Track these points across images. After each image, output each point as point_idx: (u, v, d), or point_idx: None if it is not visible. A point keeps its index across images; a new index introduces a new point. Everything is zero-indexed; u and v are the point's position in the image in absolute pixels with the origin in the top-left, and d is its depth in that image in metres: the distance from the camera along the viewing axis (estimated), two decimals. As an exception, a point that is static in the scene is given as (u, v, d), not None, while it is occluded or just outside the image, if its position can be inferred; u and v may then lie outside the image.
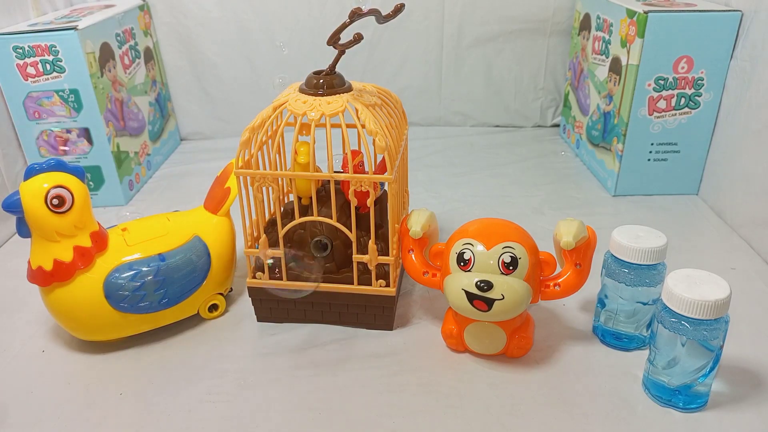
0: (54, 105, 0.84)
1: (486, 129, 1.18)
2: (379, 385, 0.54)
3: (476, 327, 0.55)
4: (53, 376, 0.57)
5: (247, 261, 0.60)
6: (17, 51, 0.80)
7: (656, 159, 0.87)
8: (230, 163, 0.63)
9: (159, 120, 1.08)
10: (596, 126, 0.95)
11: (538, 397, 0.52)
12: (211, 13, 1.08)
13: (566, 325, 0.62)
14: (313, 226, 0.59)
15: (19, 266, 0.59)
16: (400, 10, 0.54)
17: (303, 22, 1.09)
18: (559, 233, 0.53)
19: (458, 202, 0.89)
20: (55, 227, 0.53)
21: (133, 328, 0.59)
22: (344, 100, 0.55)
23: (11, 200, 0.52)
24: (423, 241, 0.58)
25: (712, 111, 0.83)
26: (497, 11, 1.09)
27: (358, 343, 0.60)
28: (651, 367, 0.51)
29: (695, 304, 0.45)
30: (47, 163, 0.53)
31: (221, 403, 0.53)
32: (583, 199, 0.89)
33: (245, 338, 0.61)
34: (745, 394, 0.52)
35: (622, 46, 0.84)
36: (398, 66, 1.14)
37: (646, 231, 0.54)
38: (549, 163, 1.03)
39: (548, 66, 1.13)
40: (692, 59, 0.80)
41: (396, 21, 0.56)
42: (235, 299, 0.67)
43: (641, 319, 0.56)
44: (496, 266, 0.51)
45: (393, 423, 0.50)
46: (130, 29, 0.98)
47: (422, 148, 1.09)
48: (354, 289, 0.59)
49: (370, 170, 0.54)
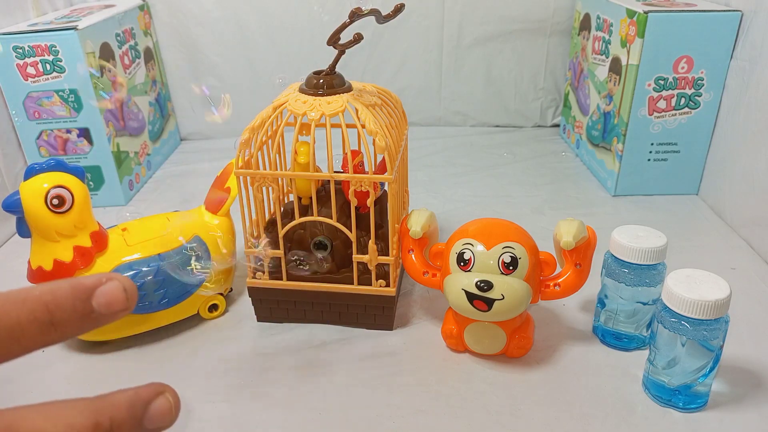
0: (54, 105, 0.84)
1: (486, 129, 1.18)
2: (379, 385, 0.54)
3: (476, 327, 0.55)
4: (53, 376, 0.57)
5: (247, 261, 0.60)
6: (17, 51, 0.80)
7: (656, 159, 0.87)
8: (230, 163, 0.63)
9: (159, 120, 1.08)
10: (596, 126, 0.95)
11: (538, 397, 0.52)
12: (211, 13, 1.08)
13: (566, 325, 0.62)
14: (313, 226, 0.59)
15: (19, 266, 0.59)
16: (400, 10, 0.54)
17: (303, 22, 1.09)
18: (559, 233, 0.53)
19: (458, 202, 0.89)
20: (55, 227, 0.53)
21: (133, 328, 0.59)
22: (344, 100, 0.55)
23: (11, 200, 0.52)
24: (423, 241, 0.58)
25: (712, 111, 0.83)
26: (497, 11, 1.09)
27: (358, 343, 0.60)
28: (651, 367, 0.51)
29: (695, 304, 0.45)
30: (47, 163, 0.53)
31: (221, 403, 0.53)
32: (583, 199, 0.89)
33: (245, 338, 0.61)
34: (745, 394, 0.52)
35: (622, 46, 0.84)
36: (398, 66, 1.14)
37: (646, 231, 0.54)
38: (549, 163, 1.03)
39: (548, 66, 1.13)
40: (692, 59, 0.80)
41: (396, 21, 0.56)
42: (235, 299, 0.67)
43: (641, 319, 0.56)
44: (496, 266, 0.51)
45: (393, 423, 0.50)
46: (130, 29, 0.98)
47: (422, 148, 1.09)
48: (354, 289, 0.59)
49: (370, 170, 0.54)
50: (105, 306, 0.20)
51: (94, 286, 0.20)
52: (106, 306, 0.20)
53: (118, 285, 0.20)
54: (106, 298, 0.20)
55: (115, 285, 0.20)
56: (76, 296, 0.19)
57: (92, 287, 0.20)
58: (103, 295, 0.20)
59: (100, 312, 0.20)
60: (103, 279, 0.20)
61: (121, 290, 0.20)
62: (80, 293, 0.19)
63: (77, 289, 0.19)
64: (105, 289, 0.20)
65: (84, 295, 0.20)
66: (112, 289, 0.20)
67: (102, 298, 0.20)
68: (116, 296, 0.20)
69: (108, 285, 0.20)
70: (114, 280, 0.20)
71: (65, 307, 0.19)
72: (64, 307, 0.19)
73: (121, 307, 0.20)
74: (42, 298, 0.19)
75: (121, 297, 0.20)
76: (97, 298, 0.20)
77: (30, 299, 0.19)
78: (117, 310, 0.20)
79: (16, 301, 0.19)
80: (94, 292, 0.20)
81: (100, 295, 0.20)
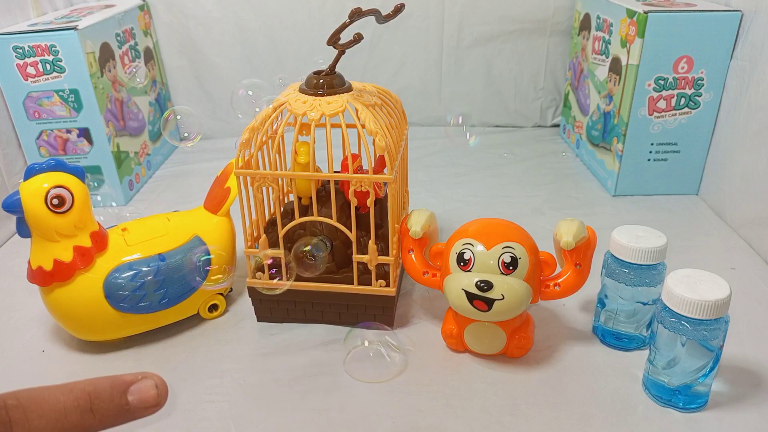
0: (54, 105, 0.84)
1: (486, 129, 1.18)
2: (379, 385, 0.54)
3: (476, 327, 0.55)
4: (53, 376, 0.57)
5: (247, 261, 0.60)
6: (17, 51, 0.80)
7: (656, 159, 0.87)
8: (230, 163, 0.63)
9: (159, 120, 1.08)
10: (596, 126, 0.95)
11: (538, 397, 0.52)
12: (211, 13, 1.08)
13: (566, 325, 0.62)
14: (313, 226, 0.59)
15: (19, 266, 0.59)
16: (400, 10, 0.54)
17: (303, 22, 1.09)
18: (559, 233, 0.53)
19: (458, 202, 0.89)
20: (55, 227, 0.53)
21: (133, 328, 0.59)
22: (344, 100, 0.55)
23: (11, 200, 0.52)
24: (423, 241, 0.58)
25: (712, 111, 0.83)
26: (497, 11, 1.09)
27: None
28: (651, 367, 0.51)
29: (695, 304, 0.45)
30: (47, 163, 0.53)
31: (221, 403, 0.53)
32: (583, 199, 0.89)
33: (245, 338, 0.61)
34: (745, 394, 0.52)
35: (622, 46, 0.84)
36: (398, 66, 1.14)
37: (646, 231, 0.54)
38: (549, 163, 1.03)
39: (548, 66, 1.13)
40: (692, 59, 0.80)
41: (396, 21, 0.56)
42: (235, 299, 0.67)
43: (641, 319, 0.56)
44: (496, 266, 0.51)
45: (393, 423, 0.50)
46: (130, 29, 0.98)
47: (422, 148, 1.08)
48: (354, 289, 0.59)
49: (370, 170, 0.54)
50: (138, 401, 0.23)
51: (130, 381, 0.23)
52: (140, 401, 0.23)
53: (151, 383, 0.23)
54: (140, 395, 0.23)
55: (148, 383, 0.23)
56: (114, 389, 0.23)
57: (129, 383, 0.23)
58: (138, 391, 0.23)
59: (133, 405, 0.23)
60: (139, 376, 0.23)
61: (152, 387, 0.23)
62: (118, 386, 0.23)
63: (115, 382, 0.23)
64: (139, 386, 0.23)
65: (120, 388, 0.23)
66: (146, 386, 0.23)
67: (136, 394, 0.23)
68: (148, 393, 0.23)
69: (142, 382, 0.23)
70: (148, 379, 0.23)
71: (104, 398, 0.22)
72: (103, 397, 0.22)
73: (152, 403, 0.23)
74: (85, 389, 0.22)
75: (152, 394, 0.23)
76: (132, 393, 0.23)
77: (76, 389, 0.22)
78: (149, 406, 0.23)
79: (65, 390, 0.22)
80: (130, 387, 0.23)
81: (135, 391, 0.23)
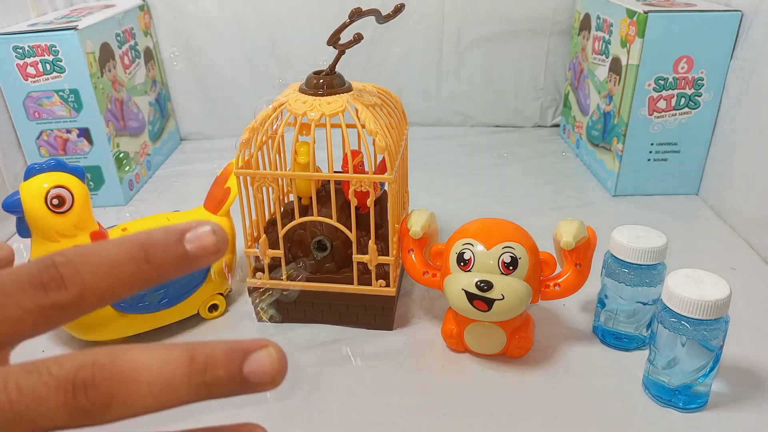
0: (54, 105, 0.84)
1: (486, 129, 1.18)
2: (379, 385, 0.54)
3: (476, 327, 0.55)
4: (53, 376, 0.57)
5: (247, 261, 0.60)
6: (17, 51, 0.80)
7: (656, 159, 0.87)
8: (230, 163, 0.63)
9: (159, 120, 1.08)
10: (596, 126, 0.95)
11: (538, 397, 0.52)
12: (211, 13, 1.08)
13: (566, 325, 0.62)
14: (313, 226, 0.59)
15: (19, 266, 0.58)
16: (400, 10, 0.54)
17: (303, 22, 1.09)
18: (559, 233, 0.53)
19: (458, 202, 0.89)
20: (55, 227, 0.53)
21: (133, 328, 0.59)
22: (344, 100, 0.55)
23: (11, 200, 0.52)
24: (423, 241, 0.58)
25: (712, 111, 0.83)
26: (497, 11, 1.08)
27: (358, 343, 0.60)
28: (651, 367, 0.51)
29: (695, 304, 0.45)
30: (47, 163, 0.53)
31: (221, 403, 0.53)
32: (583, 199, 0.89)
33: (245, 338, 0.61)
34: (745, 394, 0.52)
35: (622, 46, 0.84)
36: (398, 66, 1.14)
37: (646, 231, 0.54)
38: (549, 163, 1.03)
39: (548, 66, 1.13)
40: (692, 59, 0.80)
41: (396, 21, 0.56)
42: (235, 299, 0.67)
43: (641, 319, 0.56)
44: (496, 266, 0.51)
45: (393, 423, 0.50)
46: (130, 29, 0.98)
47: (422, 148, 1.08)
48: (354, 289, 0.59)
49: (370, 170, 0.54)
50: (197, 249, 0.22)
51: (185, 229, 0.22)
52: (199, 249, 0.22)
53: (207, 228, 0.22)
54: (198, 242, 0.22)
55: (204, 228, 0.22)
56: (168, 236, 0.22)
57: (184, 231, 0.22)
58: (195, 239, 0.22)
59: (192, 253, 0.22)
60: (193, 224, 0.22)
61: (209, 233, 0.22)
62: (172, 235, 0.22)
63: (169, 230, 0.22)
64: (196, 233, 0.22)
65: (175, 236, 0.22)
66: (202, 233, 0.22)
67: (194, 242, 0.22)
68: (205, 237, 0.22)
69: (198, 228, 0.22)
70: (204, 225, 0.22)
71: (158, 246, 0.21)
72: (157, 246, 0.21)
73: (212, 249, 0.22)
74: (138, 239, 0.21)
75: (210, 239, 0.22)
76: (189, 242, 0.22)
77: (127, 241, 0.21)
78: (209, 252, 0.22)
79: (116, 243, 0.21)
80: (185, 235, 0.22)
81: (192, 239, 0.22)
